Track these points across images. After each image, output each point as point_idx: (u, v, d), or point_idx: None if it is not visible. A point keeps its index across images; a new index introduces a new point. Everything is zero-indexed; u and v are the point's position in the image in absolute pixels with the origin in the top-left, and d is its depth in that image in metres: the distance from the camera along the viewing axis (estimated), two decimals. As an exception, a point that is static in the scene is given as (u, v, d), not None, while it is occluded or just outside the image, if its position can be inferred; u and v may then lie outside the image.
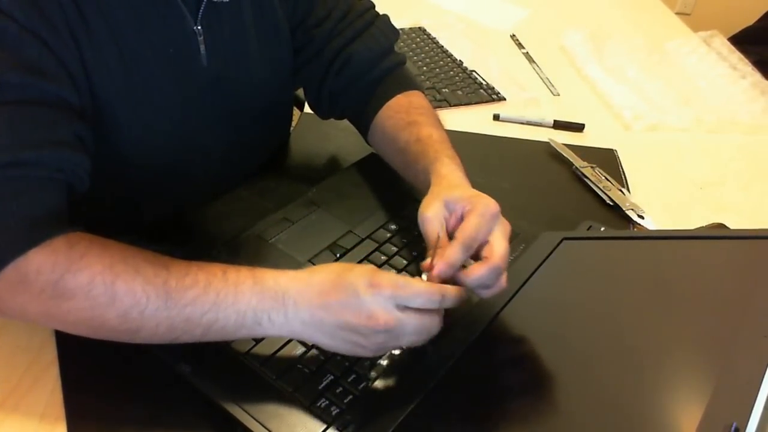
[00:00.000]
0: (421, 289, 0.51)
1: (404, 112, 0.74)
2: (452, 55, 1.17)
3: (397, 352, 0.57)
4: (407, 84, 0.78)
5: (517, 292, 0.63)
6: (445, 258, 0.54)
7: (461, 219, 0.57)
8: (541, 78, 1.16)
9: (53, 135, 0.53)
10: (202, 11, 0.65)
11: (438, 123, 0.73)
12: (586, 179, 0.88)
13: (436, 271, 0.53)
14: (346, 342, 0.52)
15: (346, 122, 0.84)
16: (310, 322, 0.52)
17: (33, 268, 0.49)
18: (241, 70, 0.71)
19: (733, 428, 0.37)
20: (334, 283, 0.51)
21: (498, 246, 0.55)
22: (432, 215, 0.57)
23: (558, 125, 1.01)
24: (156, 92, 0.64)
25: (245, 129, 0.76)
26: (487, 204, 0.56)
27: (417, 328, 0.51)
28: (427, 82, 1.08)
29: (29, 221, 0.50)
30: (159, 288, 0.51)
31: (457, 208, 0.57)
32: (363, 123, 0.79)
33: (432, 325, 0.52)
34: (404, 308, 0.50)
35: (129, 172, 0.67)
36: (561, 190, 0.87)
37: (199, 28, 0.65)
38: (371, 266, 0.53)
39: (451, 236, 0.57)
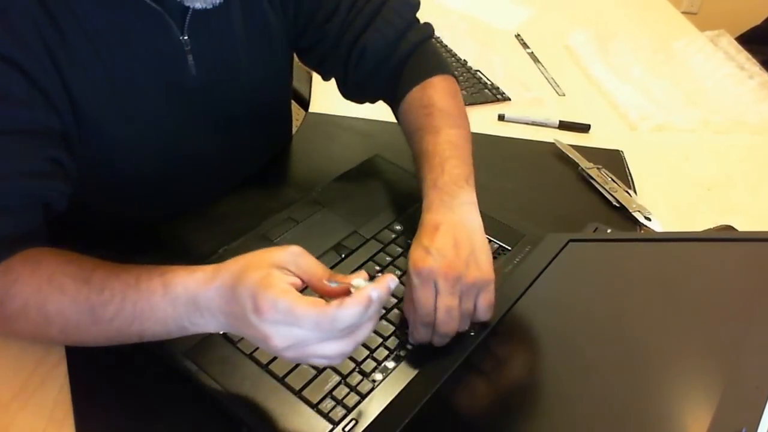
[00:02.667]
0: (307, 314, 0.44)
1: (414, 114, 0.72)
2: (456, 55, 1.17)
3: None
4: (426, 69, 0.74)
5: (522, 294, 0.62)
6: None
7: None
8: (546, 78, 1.15)
9: (24, 167, 0.53)
10: (189, 20, 0.62)
11: (442, 123, 0.69)
12: (591, 180, 0.87)
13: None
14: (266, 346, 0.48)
15: (350, 123, 0.83)
16: (227, 326, 0.50)
17: None
18: (231, 74, 0.69)
19: (742, 433, 0.37)
20: (232, 294, 0.47)
21: (408, 297, 0.57)
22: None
23: (563, 126, 1.01)
24: (144, 105, 0.63)
25: (240, 133, 0.75)
26: (413, 265, 0.57)
27: (320, 336, 0.45)
28: (432, 82, 1.08)
29: None
30: (82, 306, 0.50)
31: None
32: (394, 110, 0.78)
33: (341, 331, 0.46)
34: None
35: (120, 182, 0.66)
36: (566, 192, 0.87)
37: (185, 38, 0.63)
38: (263, 274, 0.46)
39: None
